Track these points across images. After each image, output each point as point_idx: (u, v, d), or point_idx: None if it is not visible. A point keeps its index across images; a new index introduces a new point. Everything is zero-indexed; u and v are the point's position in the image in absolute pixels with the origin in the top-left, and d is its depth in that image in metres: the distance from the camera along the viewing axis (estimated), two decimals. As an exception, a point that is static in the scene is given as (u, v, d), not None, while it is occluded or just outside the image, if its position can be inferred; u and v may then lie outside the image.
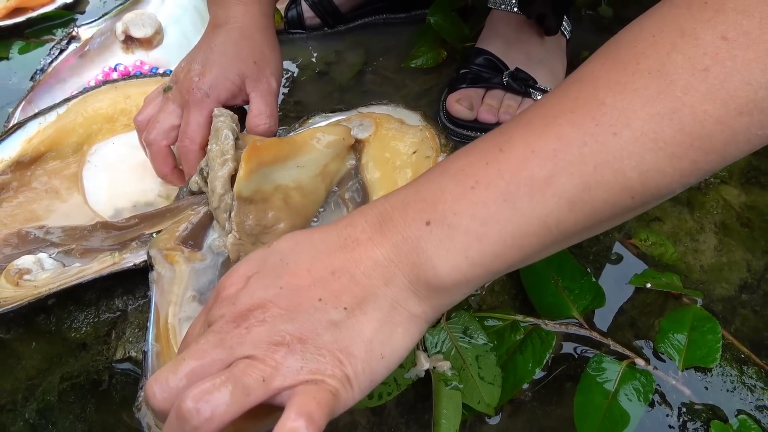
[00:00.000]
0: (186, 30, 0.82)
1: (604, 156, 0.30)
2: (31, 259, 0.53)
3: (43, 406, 0.50)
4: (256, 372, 0.29)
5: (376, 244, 0.32)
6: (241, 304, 0.31)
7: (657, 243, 0.61)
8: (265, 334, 0.30)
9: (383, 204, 0.34)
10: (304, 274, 0.32)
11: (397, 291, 0.32)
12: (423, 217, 0.32)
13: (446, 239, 0.31)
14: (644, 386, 0.49)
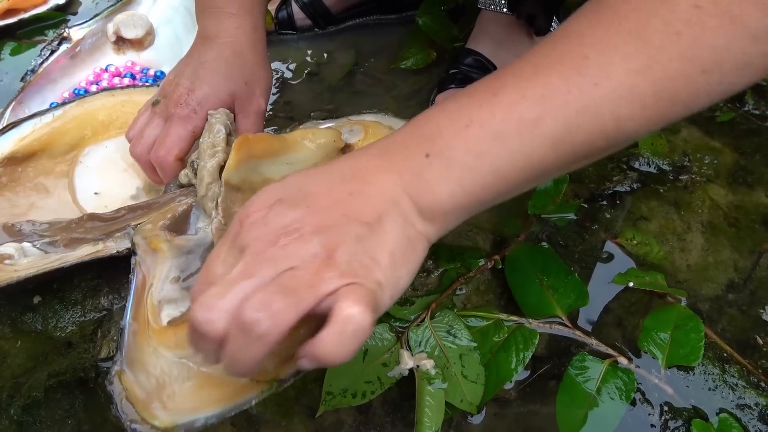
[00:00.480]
0: (177, 31, 0.82)
1: (586, 103, 0.33)
2: (14, 246, 0.53)
3: (29, 402, 0.50)
4: (303, 279, 0.32)
5: (383, 171, 0.35)
6: (274, 224, 0.33)
7: (642, 242, 0.61)
8: (302, 247, 0.32)
9: (384, 141, 0.38)
10: (325, 196, 0.35)
11: (406, 210, 0.35)
12: (422, 150, 0.35)
13: (444, 170, 0.35)
14: (626, 385, 0.49)
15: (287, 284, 0.31)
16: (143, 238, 0.51)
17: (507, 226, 0.63)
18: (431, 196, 0.35)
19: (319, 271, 0.32)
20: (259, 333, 0.30)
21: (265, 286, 0.31)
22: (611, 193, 0.66)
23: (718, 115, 0.75)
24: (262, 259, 0.32)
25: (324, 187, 0.35)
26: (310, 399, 0.51)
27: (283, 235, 0.33)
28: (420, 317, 0.53)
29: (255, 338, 0.31)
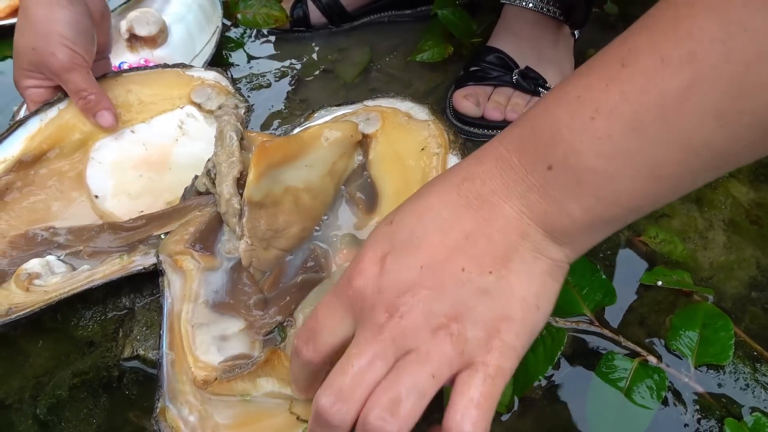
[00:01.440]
0: (190, 28, 0.81)
1: (760, 47, 0.24)
2: (40, 262, 0.52)
3: (54, 402, 0.49)
4: (426, 370, 0.28)
5: (503, 198, 0.30)
6: (388, 292, 0.30)
7: (666, 240, 0.61)
8: (422, 320, 0.29)
9: (498, 147, 0.31)
10: (438, 246, 0.30)
11: (535, 241, 0.30)
12: (543, 161, 0.29)
13: (573, 183, 0.28)
14: (657, 384, 0.49)
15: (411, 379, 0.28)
16: (168, 256, 0.50)
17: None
18: (565, 219, 0.29)
19: (442, 354, 0.28)
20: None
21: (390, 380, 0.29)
22: (633, 191, 0.66)
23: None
24: (380, 339, 0.29)
25: (437, 232, 0.30)
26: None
27: (400, 305, 0.29)
28: (446, 316, 0.52)
29: None
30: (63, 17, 0.53)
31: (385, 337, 0.29)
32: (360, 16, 0.87)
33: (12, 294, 0.50)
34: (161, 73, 0.65)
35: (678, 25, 0.26)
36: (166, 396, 0.41)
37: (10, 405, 0.49)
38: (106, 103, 0.59)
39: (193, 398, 0.42)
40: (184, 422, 0.40)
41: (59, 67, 0.54)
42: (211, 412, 0.41)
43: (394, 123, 0.58)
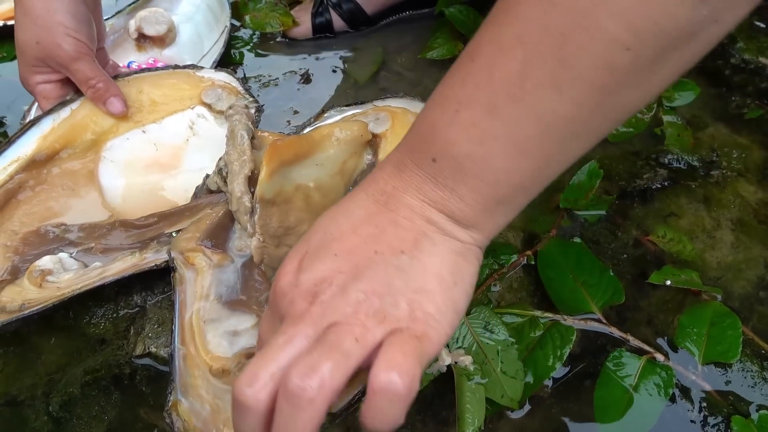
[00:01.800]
0: (199, 28, 0.82)
1: (569, 17, 0.26)
2: (52, 259, 0.53)
3: (66, 399, 0.50)
4: (348, 335, 0.29)
5: (404, 192, 0.32)
6: (305, 283, 0.31)
7: (675, 239, 0.61)
8: (341, 300, 0.30)
9: (395, 153, 0.34)
10: (351, 237, 0.32)
11: (441, 225, 0.32)
12: (428, 155, 0.32)
13: (456, 170, 0.31)
14: (664, 381, 0.49)
15: (333, 342, 0.28)
16: (180, 253, 0.50)
17: (537, 222, 0.62)
18: (459, 202, 0.31)
19: (363, 322, 0.29)
20: (307, 400, 0.27)
21: (309, 350, 0.28)
22: (642, 190, 0.66)
23: (746, 112, 0.74)
24: (300, 321, 0.29)
25: (348, 227, 0.32)
26: (344, 396, 0.50)
27: (318, 292, 0.30)
28: (455, 314, 0.52)
29: (304, 407, 0.27)
30: (62, 7, 0.52)
31: (305, 320, 0.30)
32: (379, 18, 0.87)
33: (25, 290, 0.51)
34: (172, 74, 0.66)
35: (508, 13, 0.29)
36: (178, 390, 0.41)
37: (22, 402, 0.50)
38: (114, 89, 0.59)
39: (205, 392, 0.42)
40: (195, 416, 0.41)
41: (66, 57, 0.54)
42: (223, 407, 0.42)
43: (403, 122, 0.59)
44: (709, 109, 0.76)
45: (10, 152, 0.58)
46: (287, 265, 0.32)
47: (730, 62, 0.80)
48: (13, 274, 0.52)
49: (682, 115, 0.74)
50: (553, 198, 0.65)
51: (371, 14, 0.86)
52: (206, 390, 0.42)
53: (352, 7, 0.85)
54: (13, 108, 0.77)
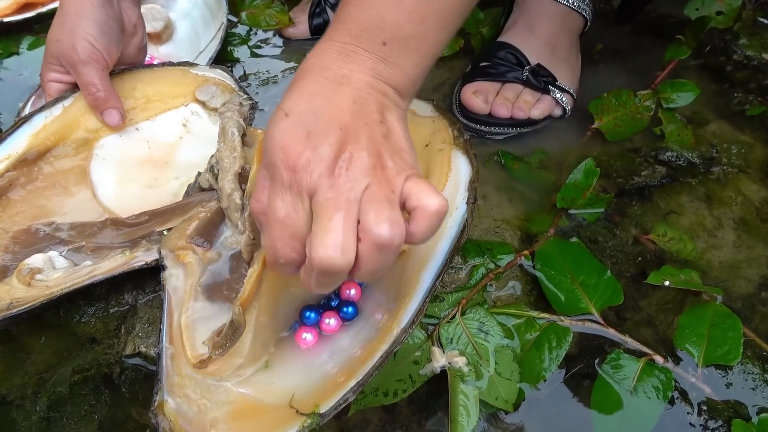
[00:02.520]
0: (196, 25, 0.81)
1: None
2: (42, 258, 0.52)
3: (55, 398, 0.49)
4: (383, 190, 0.36)
5: (359, 72, 0.39)
6: (326, 157, 0.36)
7: (675, 238, 0.60)
8: (362, 165, 0.36)
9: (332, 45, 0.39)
10: (340, 112, 0.37)
11: (392, 96, 0.40)
12: (378, 40, 0.39)
13: (404, 48, 0.39)
14: (663, 384, 0.48)
15: (381, 198, 0.35)
16: (170, 251, 0.50)
17: (534, 222, 0.62)
18: (404, 76, 0.39)
19: (386, 178, 0.36)
20: (396, 245, 0.35)
21: (372, 209, 0.35)
22: (640, 188, 0.65)
23: (747, 109, 0.73)
24: (339, 192, 0.35)
25: (333, 106, 0.37)
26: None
27: (339, 164, 0.36)
28: (450, 314, 0.52)
29: (392, 249, 0.35)
30: (91, 15, 0.55)
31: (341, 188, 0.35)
32: None
33: (13, 289, 0.50)
34: (166, 71, 0.65)
35: None
36: (164, 390, 0.41)
37: (12, 401, 0.49)
38: (114, 102, 0.59)
39: (192, 392, 0.41)
40: (182, 416, 0.40)
41: (77, 59, 0.56)
42: (210, 407, 0.41)
43: None
44: (710, 106, 0.75)
45: (1, 150, 0.57)
46: (296, 145, 0.36)
47: (733, 58, 0.79)
48: (2, 273, 0.52)
49: (682, 112, 0.73)
50: (550, 197, 0.64)
51: None
52: (193, 390, 0.41)
53: None
54: (8, 105, 0.77)
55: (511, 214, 0.63)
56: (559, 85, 0.71)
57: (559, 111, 0.72)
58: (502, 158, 0.68)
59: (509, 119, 0.70)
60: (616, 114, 0.71)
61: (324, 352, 0.45)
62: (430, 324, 0.52)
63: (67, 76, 0.59)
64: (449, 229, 0.48)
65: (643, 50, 0.83)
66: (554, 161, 0.69)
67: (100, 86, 0.57)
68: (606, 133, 0.70)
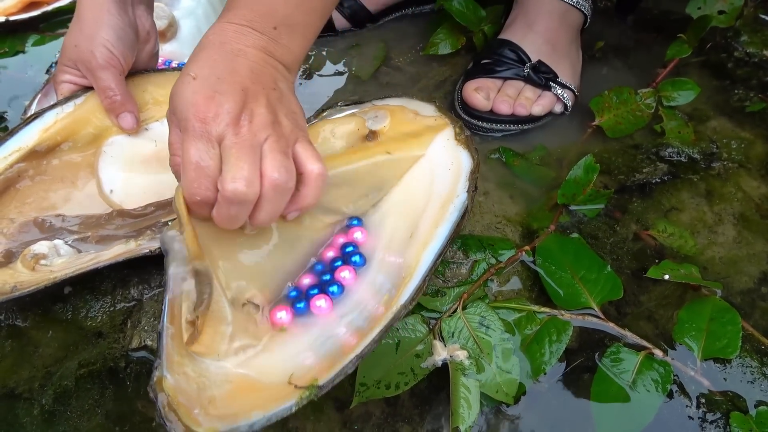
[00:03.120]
0: (200, 23, 0.82)
1: None
2: (47, 244, 0.53)
3: (60, 391, 0.50)
4: (280, 142, 0.43)
5: (253, 48, 0.45)
6: (233, 111, 0.42)
7: (675, 234, 0.60)
8: (262, 120, 0.42)
9: (229, 25, 0.45)
10: (240, 78, 0.43)
11: (280, 70, 0.46)
12: (270, 25, 0.45)
13: (292, 32, 0.46)
14: (662, 377, 0.48)
15: (277, 149, 0.42)
16: (174, 234, 0.50)
17: (535, 218, 0.62)
18: (291, 55, 0.47)
19: (282, 133, 0.43)
20: (287, 188, 0.42)
21: (269, 157, 0.42)
22: (641, 184, 0.66)
23: (747, 105, 0.74)
24: (244, 138, 0.41)
25: (233, 71, 0.43)
26: (340, 391, 0.50)
27: (242, 119, 0.42)
28: (452, 308, 0.52)
29: (286, 192, 0.43)
30: (108, 22, 0.58)
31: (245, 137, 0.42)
32: (382, 15, 0.87)
33: (18, 273, 0.51)
34: (177, 75, 0.66)
35: None
36: (164, 366, 0.41)
37: (20, 394, 0.50)
38: (130, 106, 0.61)
39: (191, 371, 0.41)
40: (180, 392, 0.40)
41: (95, 64, 0.58)
42: (209, 385, 0.42)
43: (401, 120, 0.59)
44: (711, 103, 0.75)
45: (12, 143, 0.58)
46: (205, 101, 0.42)
47: (734, 55, 0.79)
48: (7, 258, 0.52)
49: (683, 108, 0.73)
50: (551, 194, 0.64)
51: (374, 12, 0.85)
52: (192, 369, 0.42)
53: (355, 6, 0.84)
54: (14, 103, 0.78)
55: (512, 210, 0.63)
56: (560, 82, 0.71)
57: (560, 107, 0.73)
58: (503, 155, 0.69)
59: (511, 116, 0.70)
60: (617, 111, 0.71)
61: (323, 334, 0.47)
62: (431, 318, 0.52)
63: (81, 79, 0.61)
64: (450, 214, 0.51)
65: (644, 47, 0.83)
66: (555, 158, 0.69)
67: (117, 90, 0.59)
68: (607, 130, 0.71)
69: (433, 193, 0.54)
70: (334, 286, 0.48)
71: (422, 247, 0.49)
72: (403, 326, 0.51)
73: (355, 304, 0.48)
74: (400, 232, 0.53)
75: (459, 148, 0.55)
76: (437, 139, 0.56)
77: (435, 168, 0.55)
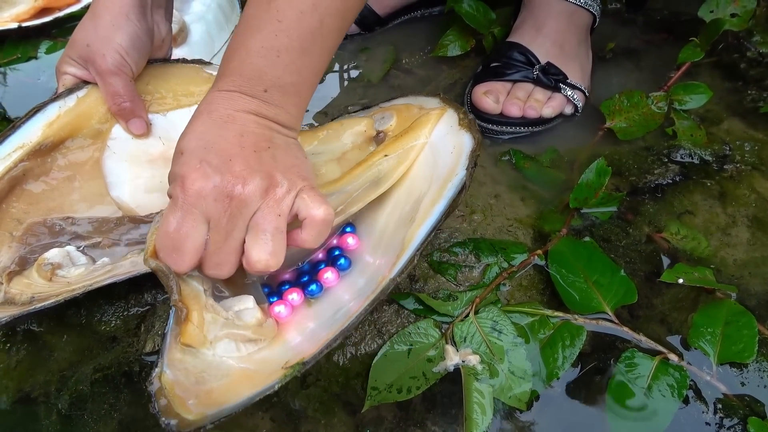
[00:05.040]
0: (210, 28, 0.82)
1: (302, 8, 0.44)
2: (60, 252, 0.53)
3: (76, 396, 0.50)
4: (272, 216, 0.42)
5: (244, 113, 0.44)
6: (223, 186, 0.41)
7: (689, 236, 0.60)
8: (251, 189, 0.41)
9: (219, 92, 0.45)
10: (229, 145, 0.43)
11: (278, 130, 0.45)
12: (260, 88, 0.44)
13: (283, 94, 0.45)
14: (678, 382, 0.48)
15: (266, 222, 0.42)
16: None
17: (547, 221, 0.62)
18: (286, 114, 0.45)
19: (276, 199, 0.42)
20: (271, 270, 0.43)
21: (253, 231, 0.42)
22: (653, 187, 0.65)
23: (761, 106, 0.73)
24: (231, 218, 0.41)
25: (223, 140, 0.43)
26: (352, 395, 0.50)
27: (235, 190, 0.41)
28: (464, 313, 0.52)
29: (268, 269, 0.42)
30: (126, 28, 0.57)
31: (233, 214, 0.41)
32: (391, 19, 0.87)
33: (34, 283, 0.51)
34: (181, 68, 0.65)
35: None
36: (165, 363, 0.42)
37: (35, 398, 0.50)
38: (140, 111, 0.61)
39: (192, 367, 0.43)
40: (179, 385, 0.41)
41: (105, 69, 0.57)
42: (208, 379, 0.43)
43: (407, 117, 0.59)
44: (723, 104, 0.74)
45: (15, 138, 0.57)
46: (190, 172, 0.41)
47: (746, 56, 0.79)
48: (20, 265, 0.52)
49: (695, 110, 0.72)
50: (562, 196, 0.64)
51: (383, 16, 0.85)
52: (193, 365, 0.43)
53: (364, 10, 0.84)
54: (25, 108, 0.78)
55: (523, 212, 0.63)
56: (570, 83, 0.71)
57: (570, 109, 0.72)
58: (514, 157, 0.68)
59: (521, 118, 0.70)
60: (628, 114, 0.71)
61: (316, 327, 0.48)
62: (444, 322, 0.52)
63: (84, 73, 0.60)
64: (447, 191, 0.51)
65: (655, 48, 0.83)
66: (566, 160, 0.69)
67: (126, 97, 0.59)
68: (618, 133, 0.70)
69: (434, 178, 0.53)
70: (314, 285, 0.50)
71: (417, 226, 0.50)
72: (415, 330, 0.51)
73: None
74: (401, 222, 0.53)
75: (462, 132, 0.54)
76: (440, 124, 0.56)
77: (437, 154, 0.55)
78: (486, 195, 0.64)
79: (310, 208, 0.42)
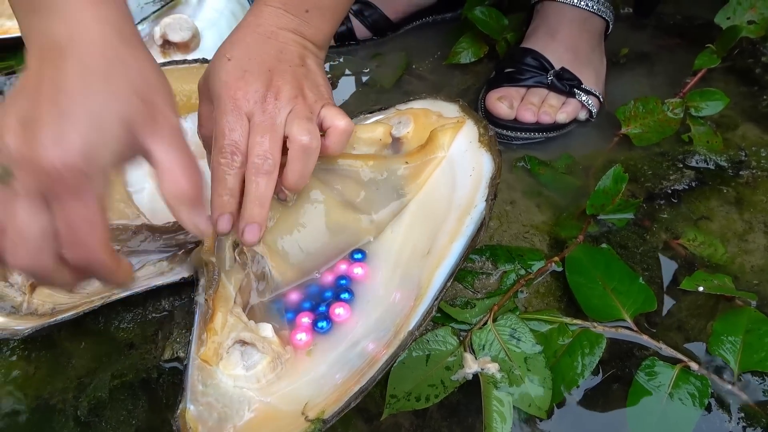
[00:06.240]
0: (222, 34, 0.82)
1: None
2: None
3: (95, 402, 0.50)
4: (306, 111, 0.47)
5: (285, 30, 0.50)
6: (259, 90, 0.46)
7: (706, 243, 0.59)
8: (287, 96, 0.47)
9: (267, 7, 0.50)
10: (269, 58, 0.48)
11: (310, 48, 0.51)
12: (302, 8, 0.50)
13: (322, 15, 0.51)
14: (699, 391, 0.48)
15: (301, 115, 0.46)
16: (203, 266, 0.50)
17: (563, 227, 0.62)
18: (321, 34, 0.52)
19: (307, 104, 0.47)
20: (314, 147, 0.46)
21: (292, 122, 0.46)
22: (669, 193, 0.65)
23: (777, 112, 0.73)
24: (269, 116, 0.46)
25: (263, 53, 0.48)
26: (369, 403, 0.50)
27: (269, 95, 0.46)
28: (482, 320, 0.52)
29: (311, 151, 0.46)
30: None
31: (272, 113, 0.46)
32: (403, 24, 0.87)
33: (54, 294, 0.51)
34: (200, 69, 0.66)
35: None
36: (187, 399, 0.42)
37: (54, 405, 0.50)
38: None
39: (215, 401, 0.42)
40: (202, 423, 0.41)
41: None
42: (231, 415, 0.42)
43: (425, 124, 0.58)
44: (739, 109, 0.74)
45: None
46: (235, 81, 0.46)
47: (761, 60, 0.78)
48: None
49: (710, 116, 0.72)
50: (578, 202, 0.64)
51: (395, 21, 0.85)
52: (216, 399, 0.42)
53: (376, 15, 0.84)
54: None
55: (539, 219, 0.63)
56: (584, 88, 0.71)
57: (585, 114, 0.72)
58: (529, 163, 0.68)
59: (535, 124, 0.70)
60: (644, 121, 0.71)
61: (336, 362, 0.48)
62: (462, 330, 0.52)
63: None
64: (465, 227, 0.50)
65: (668, 53, 0.83)
66: (581, 166, 0.69)
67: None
68: (633, 139, 0.70)
69: (453, 203, 0.53)
70: (324, 322, 0.50)
71: (435, 266, 0.49)
72: (433, 338, 0.50)
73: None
74: (418, 249, 0.52)
75: (482, 151, 0.54)
76: (459, 138, 0.56)
77: (456, 174, 0.55)
78: (502, 201, 0.64)
79: (334, 118, 0.48)
